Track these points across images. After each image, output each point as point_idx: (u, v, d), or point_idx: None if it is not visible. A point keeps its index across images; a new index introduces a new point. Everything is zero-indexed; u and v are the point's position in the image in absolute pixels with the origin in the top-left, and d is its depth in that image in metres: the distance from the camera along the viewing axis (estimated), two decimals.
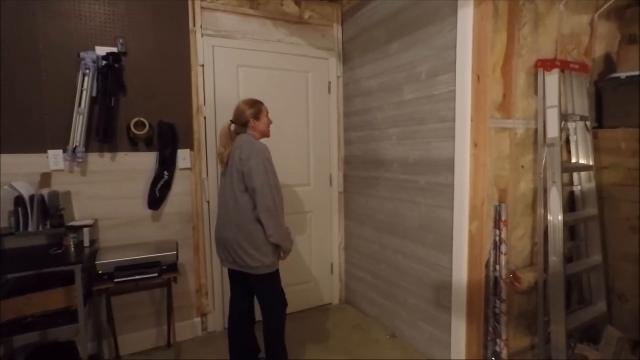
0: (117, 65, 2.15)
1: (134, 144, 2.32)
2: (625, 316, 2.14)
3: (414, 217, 2.32)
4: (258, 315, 2.03)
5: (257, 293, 1.98)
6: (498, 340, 2.06)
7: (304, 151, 2.87)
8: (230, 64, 2.56)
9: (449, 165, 2.02)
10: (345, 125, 2.99)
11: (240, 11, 2.55)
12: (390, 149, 2.47)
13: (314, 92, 2.87)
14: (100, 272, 1.96)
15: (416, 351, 2.35)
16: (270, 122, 2.01)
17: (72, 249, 1.96)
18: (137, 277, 2.01)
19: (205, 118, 2.51)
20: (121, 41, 2.21)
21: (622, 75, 2.16)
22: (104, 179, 2.26)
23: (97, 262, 1.96)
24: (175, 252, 2.17)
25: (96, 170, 2.23)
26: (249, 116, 1.90)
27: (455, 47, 1.93)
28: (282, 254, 1.91)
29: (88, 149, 2.18)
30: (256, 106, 1.93)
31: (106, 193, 2.27)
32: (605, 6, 2.24)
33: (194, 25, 2.42)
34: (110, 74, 2.13)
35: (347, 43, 2.90)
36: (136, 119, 2.27)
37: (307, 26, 2.80)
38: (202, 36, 2.45)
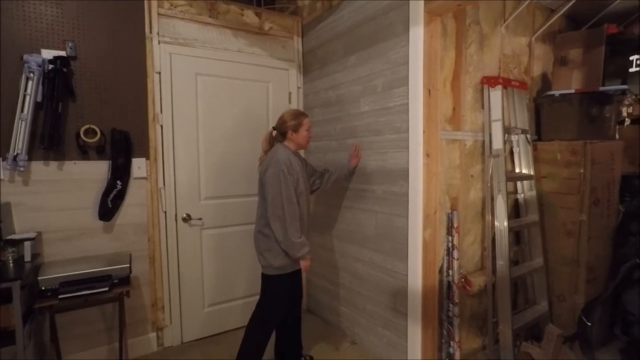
0: (65, 70, 2.05)
1: (84, 152, 2.21)
2: (563, 314, 2.32)
3: (371, 225, 2.38)
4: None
5: (261, 290, 2.07)
6: (451, 342, 2.15)
7: None
8: (188, 72, 2.52)
9: (404, 175, 2.10)
10: None
11: (198, 19, 2.53)
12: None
13: (274, 102, 2.88)
14: (43, 288, 1.83)
15: (375, 357, 2.39)
16: (309, 136, 2.10)
17: (11, 264, 1.83)
18: (84, 292, 1.90)
19: (162, 126, 2.45)
20: (70, 44, 2.12)
21: (556, 93, 2.37)
22: (49, 188, 2.12)
23: (39, 278, 1.84)
24: (127, 265, 2.07)
25: (40, 180, 2.10)
26: (289, 127, 2.02)
27: (407, 62, 2.03)
28: (302, 263, 1.99)
29: (31, 157, 2.04)
30: (298, 119, 2.04)
31: (52, 204, 2.13)
32: (540, 30, 2.47)
33: (150, 32, 2.37)
34: (58, 79, 2.02)
35: (307, 55, 2.95)
36: (86, 126, 2.18)
37: (267, 37, 2.82)
38: (159, 43, 2.40)
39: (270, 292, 2.04)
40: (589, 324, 1.39)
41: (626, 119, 2.50)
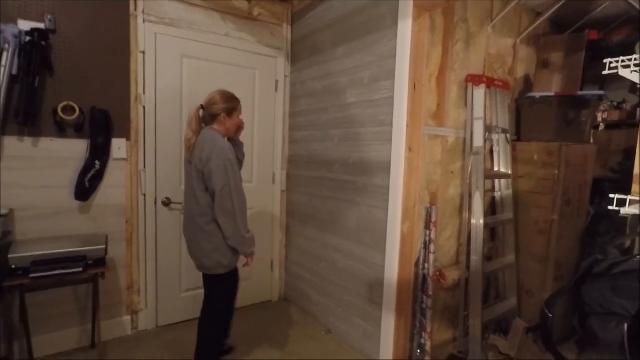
0: (43, 43, 1.98)
1: (62, 130, 2.15)
2: (531, 309, 2.40)
3: (352, 216, 2.41)
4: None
5: (208, 291, 1.94)
6: (423, 333, 2.21)
7: (248, 148, 2.81)
8: (174, 53, 2.47)
9: (386, 168, 2.13)
10: (290, 125, 3.01)
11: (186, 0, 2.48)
12: (332, 149, 2.54)
13: (261, 89, 2.86)
14: (14, 267, 1.79)
15: (349, 346, 2.44)
16: (240, 123, 1.95)
17: None
18: (57, 272, 1.87)
19: (144, 107, 2.40)
20: (49, 17, 2.04)
21: (537, 95, 2.42)
22: (23, 165, 2.06)
23: (9, 256, 1.79)
24: (103, 246, 2.05)
25: (13, 155, 2.03)
26: (221, 110, 1.82)
27: (395, 55, 2.04)
28: (247, 259, 1.89)
29: (4, 131, 1.98)
30: (232, 102, 1.86)
31: (26, 181, 2.07)
32: (525, 32, 2.51)
33: (135, 9, 2.31)
34: (35, 52, 1.95)
35: (295, 43, 2.93)
36: (64, 103, 2.11)
37: (256, 23, 2.79)
38: (144, 22, 2.34)
39: (221, 290, 1.93)
40: (551, 315, 1.46)
41: (601, 124, 2.58)
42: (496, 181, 2.53)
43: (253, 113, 2.85)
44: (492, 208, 2.56)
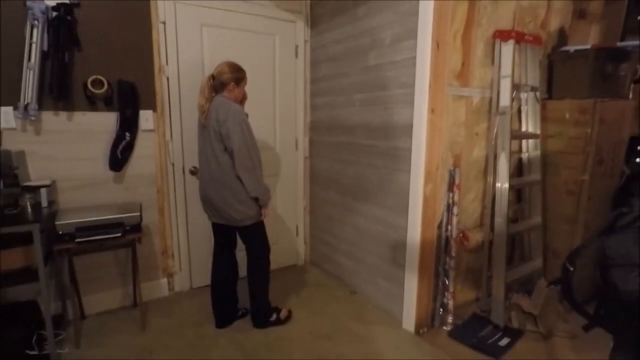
0: (69, 18, 2.03)
1: (92, 103, 2.23)
2: (556, 270, 2.39)
3: (374, 180, 2.42)
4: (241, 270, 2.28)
5: (244, 242, 2.17)
6: (446, 293, 2.26)
7: (270, 115, 2.87)
8: (194, 22, 2.47)
9: (408, 130, 2.11)
10: (311, 91, 2.99)
11: None
12: (354, 114, 2.53)
13: (281, 55, 2.83)
14: (61, 233, 1.94)
15: (373, 305, 2.53)
16: (245, 94, 2.10)
17: (29, 209, 1.92)
18: (99, 237, 2.01)
19: (167, 78, 2.44)
20: None
21: (571, 48, 2.28)
22: (60, 138, 2.18)
23: (56, 222, 1.94)
24: (138, 213, 2.17)
25: (51, 130, 2.15)
26: (231, 79, 1.98)
27: (417, 13, 1.96)
28: (263, 209, 2.09)
29: (41, 106, 2.08)
30: (239, 72, 2.03)
31: (63, 153, 2.20)
32: None
33: None
34: (62, 27, 2.00)
35: (315, 6, 2.85)
36: (93, 77, 2.18)
37: None
38: None
39: (256, 238, 2.16)
40: (572, 269, 1.46)
41: None
42: (524, 142, 2.45)
43: (274, 80, 2.84)
44: (518, 169, 2.50)
